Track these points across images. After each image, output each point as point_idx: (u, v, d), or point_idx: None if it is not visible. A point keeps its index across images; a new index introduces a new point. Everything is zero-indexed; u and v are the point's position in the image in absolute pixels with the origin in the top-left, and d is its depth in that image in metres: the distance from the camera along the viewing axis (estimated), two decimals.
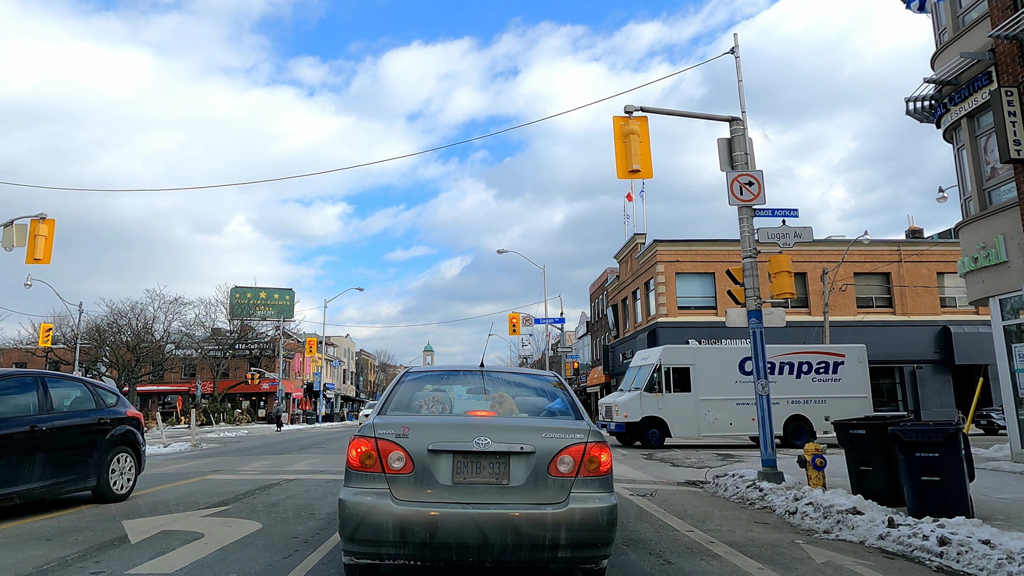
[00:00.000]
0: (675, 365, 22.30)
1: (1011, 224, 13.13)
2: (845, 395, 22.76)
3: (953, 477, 7.28)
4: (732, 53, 11.94)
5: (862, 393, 23.22)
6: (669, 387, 22.19)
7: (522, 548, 4.23)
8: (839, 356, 23.42)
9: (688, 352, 23.56)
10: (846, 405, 22.19)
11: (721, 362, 22.73)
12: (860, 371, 23.55)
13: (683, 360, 22.60)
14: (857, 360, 23.61)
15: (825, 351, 23.77)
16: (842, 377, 23.05)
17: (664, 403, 21.84)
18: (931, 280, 36.10)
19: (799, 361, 22.94)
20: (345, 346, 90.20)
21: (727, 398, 22.11)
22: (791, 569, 5.69)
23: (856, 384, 23.22)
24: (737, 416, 22.00)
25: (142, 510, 8.47)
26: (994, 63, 13.21)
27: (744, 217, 11.14)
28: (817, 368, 22.99)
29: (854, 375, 23.32)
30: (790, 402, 22.33)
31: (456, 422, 4.84)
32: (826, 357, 23.33)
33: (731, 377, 22.29)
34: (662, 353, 22.87)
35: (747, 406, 21.29)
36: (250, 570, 5.41)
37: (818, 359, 23.15)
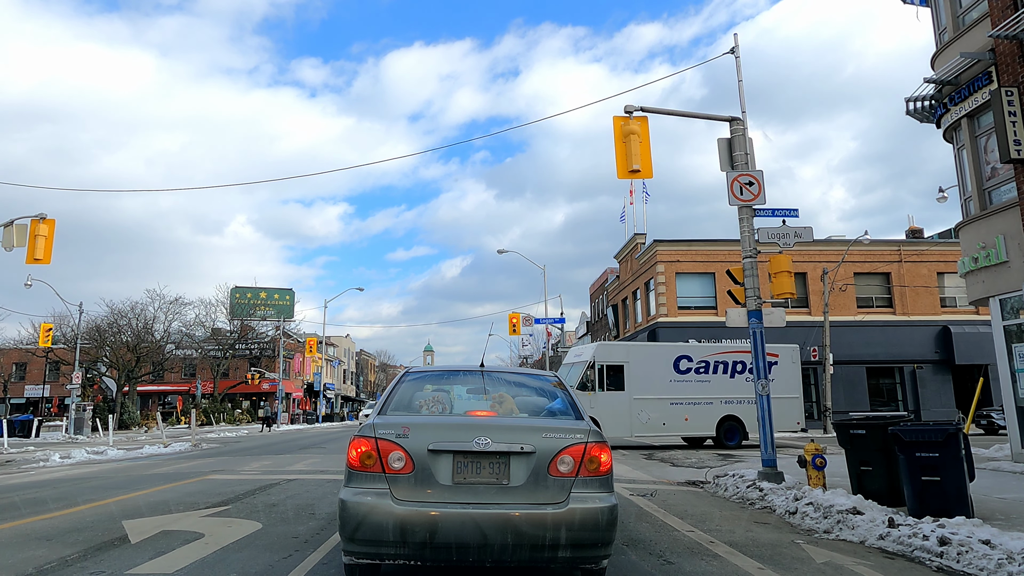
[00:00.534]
0: (609, 363, 21.59)
1: (1011, 224, 13.13)
2: (778, 395, 22.59)
3: (953, 477, 7.28)
4: (732, 53, 11.94)
5: (794, 393, 23.12)
6: (602, 385, 21.40)
7: (522, 548, 4.23)
8: (773, 356, 22.68)
9: (622, 349, 23.20)
10: (779, 406, 22.19)
11: (656, 361, 22.17)
12: (793, 371, 23.36)
13: (617, 357, 21.95)
14: (790, 360, 23.38)
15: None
16: (776, 377, 22.60)
17: (597, 402, 20.69)
18: (931, 280, 36.10)
19: (733, 360, 22.54)
20: (345, 346, 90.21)
21: (661, 397, 21.51)
22: (791, 569, 5.69)
23: (789, 384, 22.98)
24: (670, 416, 21.52)
25: (142, 510, 8.47)
26: (994, 63, 13.20)
27: (744, 217, 11.14)
28: (751, 368, 22.66)
29: (787, 375, 23.02)
30: (723, 402, 22.04)
31: (456, 422, 4.84)
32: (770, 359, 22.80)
33: (666, 376, 21.81)
34: (596, 350, 22.29)
35: (680, 406, 21.53)
36: (250, 570, 5.41)
37: (749, 359, 22.86)
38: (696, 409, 21.82)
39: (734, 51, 11.92)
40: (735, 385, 22.33)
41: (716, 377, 22.26)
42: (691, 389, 21.99)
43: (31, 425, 34.67)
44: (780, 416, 22.40)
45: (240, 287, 66.70)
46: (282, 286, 72.80)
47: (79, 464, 17.03)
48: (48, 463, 17.04)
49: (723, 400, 22.06)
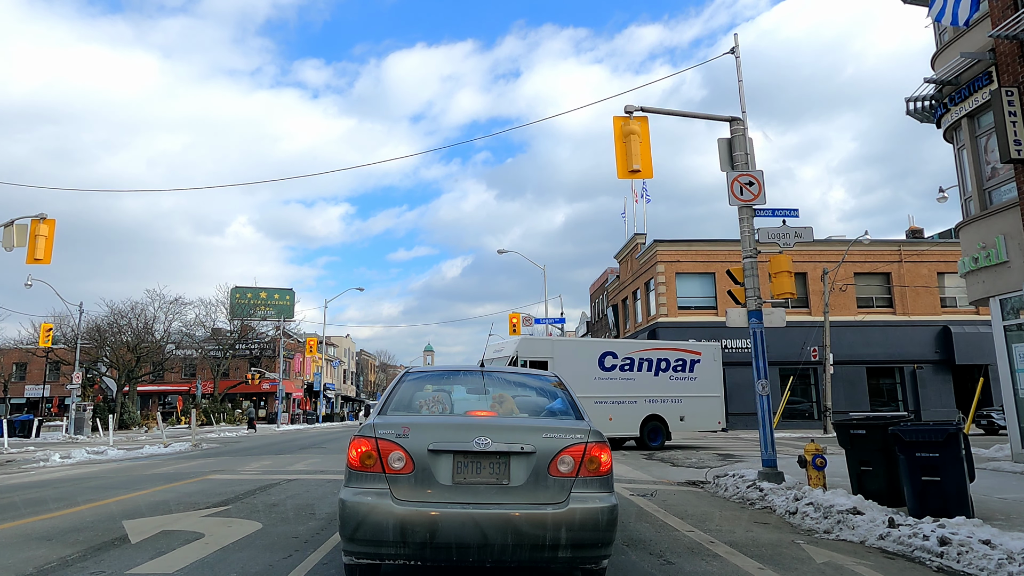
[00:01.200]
0: (533, 358, 20.21)
1: (1011, 224, 13.13)
2: (700, 394, 22.05)
3: (953, 477, 7.27)
4: (732, 53, 11.94)
5: (715, 392, 22.58)
6: None
7: (522, 548, 4.23)
8: (696, 354, 22.55)
9: (546, 344, 22.23)
10: (701, 405, 21.72)
11: (581, 357, 21.14)
12: (715, 370, 22.80)
13: (541, 353, 20.82)
14: (712, 359, 22.82)
15: (683, 348, 22.86)
16: (698, 376, 22.19)
17: None
18: (931, 280, 36.10)
19: (657, 358, 21.84)
20: (345, 346, 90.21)
21: (585, 396, 21.53)
22: (791, 569, 5.69)
23: (711, 383, 22.53)
24: (595, 415, 21.38)
25: (143, 510, 8.47)
26: (994, 63, 13.20)
27: (744, 217, 11.14)
28: (675, 366, 21.97)
29: (709, 374, 22.56)
30: (647, 401, 21.24)
31: (456, 422, 4.84)
32: (683, 355, 22.40)
33: (590, 374, 20.73)
34: (519, 345, 21.28)
35: (604, 405, 20.29)
36: (250, 570, 5.41)
37: (676, 356, 22.18)
38: (621, 408, 20.81)
39: (734, 51, 11.92)
40: (659, 384, 21.58)
41: (641, 375, 21.38)
42: (616, 387, 21.03)
43: (31, 425, 34.67)
44: (702, 415, 22.04)
45: (240, 287, 66.69)
46: (282, 286, 72.80)
47: (79, 464, 17.03)
48: (48, 463, 17.04)
49: (647, 399, 21.24)
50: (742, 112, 11.43)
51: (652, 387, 21.47)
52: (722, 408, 22.67)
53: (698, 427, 22.26)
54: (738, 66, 11.85)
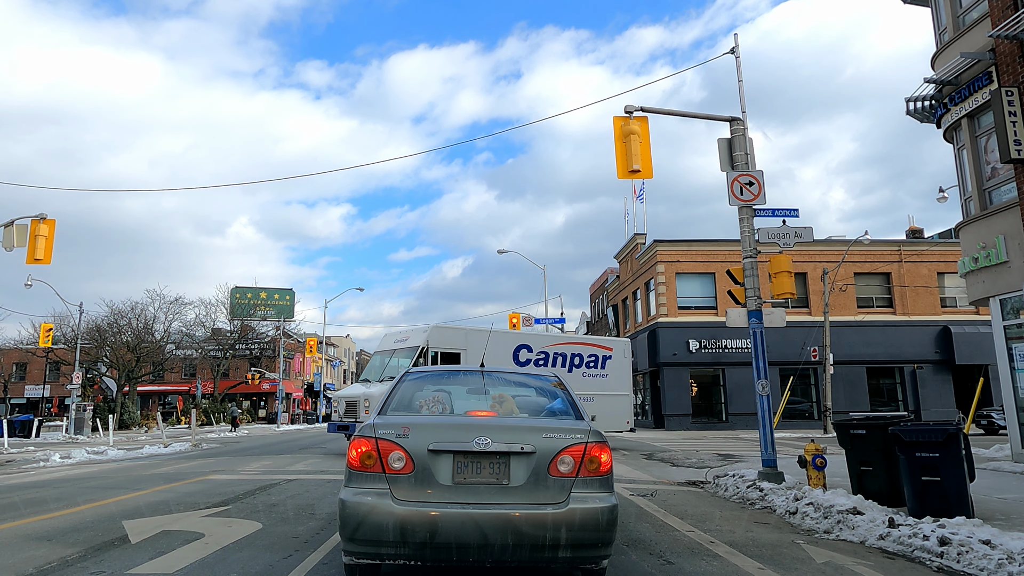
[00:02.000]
0: (444, 349, 18.41)
1: (1011, 224, 13.13)
2: (612, 392, 21.24)
3: (953, 477, 7.27)
4: (732, 53, 11.94)
5: (625, 391, 21.85)
6: None
7: (522, 548, 4.23)
8: (607, 350, 21.65)
9: (459, 335, 19.86)
10: (612, 404, 20.84)
11: (496, 350, 19.07)
12: (625, 367, 22.02)
13: (454, 343, 18.90)
14: (623, 355, 21.97)
15: (595, 343, 22.00)
16: (609, 373, 21.34)
17: None
18: (931, 280, 36.10)
19: (571, 353, 20.81)
20: (345, 346, 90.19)
21: None
22: (792, 569, 5.69)
23: (621, 381, 21.74)
24: None
25: (143, 510, 8.47)
26: (994, 63, 13.20)
27: (744, 217, 11.14)
28: (588, 362, 21.04)
29: (620, 371, 21.75)
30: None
31: (456, 422, 4.84)
32: (596, 350, 21.44)
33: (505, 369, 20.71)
34: (430, 334, 18.87)
35: None
36: (250, 570, 5.41)
37: (589, 352, 21.25)
38: None
39: (734, 51, 11.92)
40: (574, 381, 19.80)
41: (555, 371, 21.14)
42: None
43: (31, 425, 34.67)
44: (613, 415, 20.72)
45: (240, 287, 66.67)
46: (283, 286, 72.82)
47: (79, 464, 17.03)
48: (48, 463, 17.04)
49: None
50: (742, 112, 11.44)
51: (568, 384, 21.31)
52: (631, 407, 21.69)
53: (608, 427, 20.65)
54: (738, 66, 11.85)
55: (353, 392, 18.71)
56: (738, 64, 11.86)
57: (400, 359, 18.70)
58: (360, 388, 18.83)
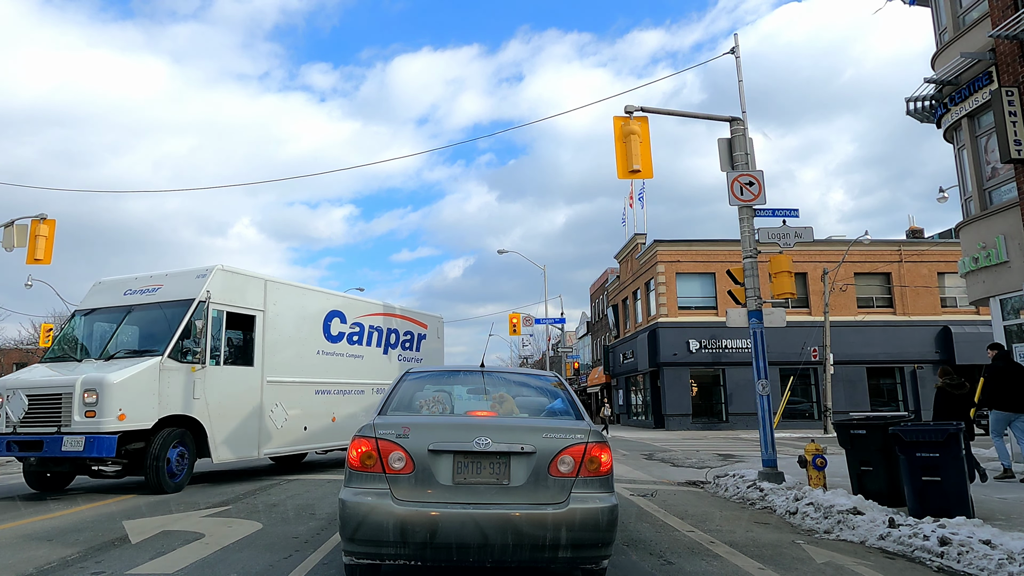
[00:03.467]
0: (233, 307, 11.75)
1: (1011, 224, 13.13)
2: None
3: (954, 477, 7.27)
4: (732, 53, 11.94)
5: None
6: (219, 353, 11.43)
7: (522, 548, 4.23)
8: (422, 327, 17.57)
9: (256, 288, 12.44)
10: None
11: (303, 316, 13.54)
12: (438, 350, 18.01)
13: (249, 300, 12.16)
14: (436, 336, 18.20)
15: (410, 318, 17.24)
16: (424, 357, 17.43)
17: (209, 387, 11.02)
18: (931, 280, 36.10)
19: (388, 328, 16.24)
20: None
21: (306, 381, 13.35)
22: (792, 569, 5.69)
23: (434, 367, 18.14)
24: (315, 413, 13.49)
25: (143, 510, 8.47)
26: (994, 63, 13.20)
27: (744, 217, 11.14)
28: (404, 341, 16.88)
29: (433, 356, 17.81)
30: (376, 391, 14.84)
31: (456, 422, 4.84)
32: (411, 327, 17.13)
33: (313, 343, 13.72)
34: (211, 281, 11.34)
35: (328, 395, 13.88)
36: (251, 570, 5.41)
37: (405, 328, 16.90)
38: (346, 403, 14.36)
39: (734, 51, 11.93)
40: (389, 365, 15.86)
41: (371, 352, 15.40)
42: (342, 368, 14.45)
43: None
44: None
45: None
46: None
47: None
48: None
49: (375, 388, 14.94)
50: (742, 112, 11.44)
51: (381, 369, 15.46)
52: None
53: None
54: (738, 66, 11.86)
55: (47, 381, 10.17)
56: (738, 64, 11.86)
57: (145, 321, 11.22)
58: (64, 373, 10.39)
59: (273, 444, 12.42)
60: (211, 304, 11.23)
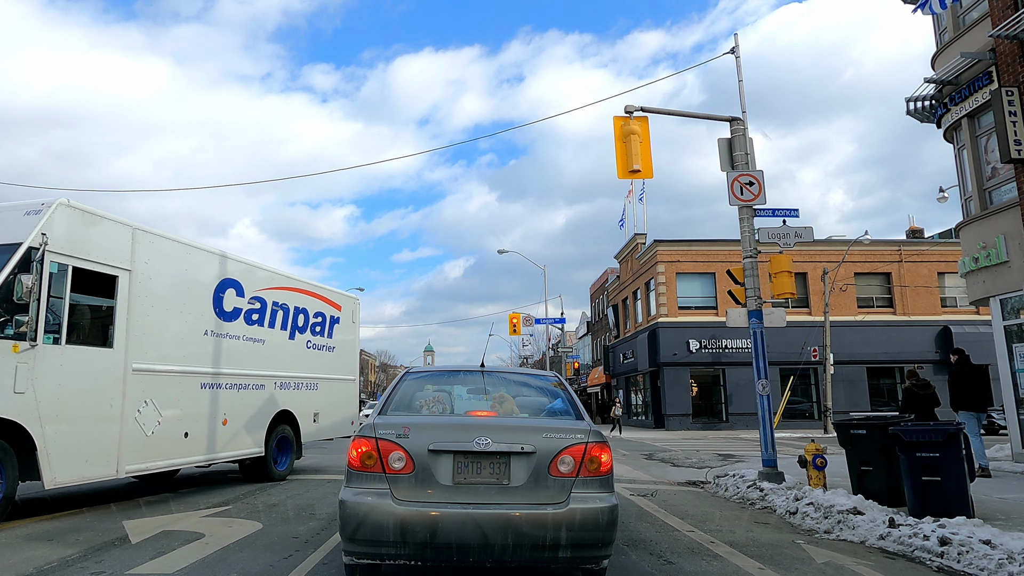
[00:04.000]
0: (89, 263, 8.42)
1: (1012, 224, 13.13)
2: (338, 376, 14.50)
3: (954, 477, 7.27)
4: (732, 53, 11.94)
5: (352, 374, 15.06)
6: (59, 327, 7.91)
7: (523, 548, 4.23)
8: (335, 308, 14.43)
9: (121, 237, 9.05)
10: (338, 394, 14.36)
11: (183, 281, 10.05)
12: (351, 340, 15.20)
13: (109, 253, 8.77)
14: (351, 320, 15.20)
15: (321, 295, 14.03)
16: (337, 344, 14.47)
17: (42, 376, 7.61)
18: (932, 280, 36.10)
19: (296, 306, 12.84)
20: None
21: (188, 370, 9.95)
22: (792, 569, 5.69)
23: (348, 358, 15.00)
24: (200, 414, 10.14)
25: (143, 510, 8.47)
26: (995, 63, 13.20)
27: (744, 217, 11.14)
28: (314, 324, 13.58)
29: (347, 343, 14.98)
30: (279, 385, 12.08)
31: (456, 422, 4.84)
32: (323, 307, 13.98)
33: (198, 321, 10.22)
34: (52, 218, 7.90)
35: (218, 390, 10.45)
36: (251, 570, 5.41)
37: (315, 308, 13.65)
38: (241, 400, 11.01)
39: (734, 51, 11.93)
40: (295, 353, 12.80)
41: (273, 334, 12.03)
42: (238, 355, 11.01)
43: None
44: (338, 412, 14.36)
45: None
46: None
47: None
48: None
49: (279, 382, 12.07)
50: (742, 112, 11.44)
51: (287, 359, 12.43)
52: (354, 402, 15.06)
53: (329, 431, 14.08)
54: (738, 66, 11.86)
55: None
56: (738, 64, 11.86)
57: None
58: None
59: (140, 457, 8.93)
60: (48, 254, 7.75)
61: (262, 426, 11.56)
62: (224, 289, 10.91)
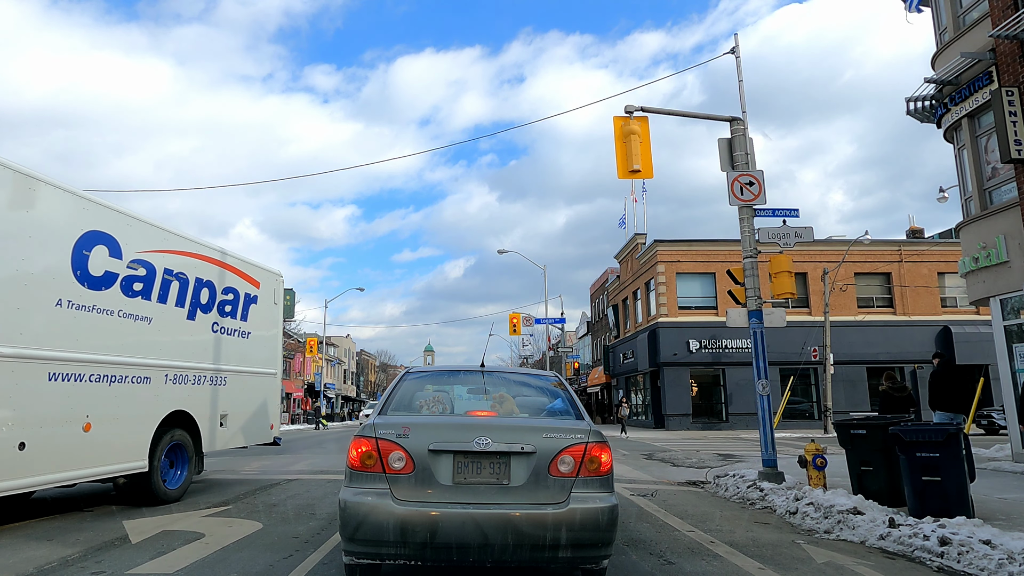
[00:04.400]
0: None
1: (1012, 224, 13.13)
2: (254, 368, 11.59)
3: (954, 477, 7.27)
4: (732, 53, 11.94)
5: (272, 367, 12.25)
6: None
7: (523, 548, 4.23)
8: (252, 284, 11.61)
9: None
10: (254, 390, 11.53)
11: (26, 227, 7.07)
12: (273, 323, 12.38)
13: None
14: (272, 300, 12.38)
15: (235, 267, 11.17)
16: (252, 328, 11.55)
17: None
18: (932, 280, 36.09)
19: (198, 278, 10.06)
20: (346, 346, 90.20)
21: (27, 354, 6.96)
22: (792, 569, 5.69)
23: (267, 349, 12.17)
24: (45, 416, 7.13)
25: (143, 510, 8.47)
26: (995, 63, 13.20)
27: (745, 217, 11.14)
28: (223, 302, 10.74)
29: (266, 330, 12.14)
30: (171, 379, 9.29)
31: (457, 422, 4.84)
32: (237, 280, 11.14)
33: (49, 287, 7.33)
34: None
35: (77, 384, 7.64)
36: (251, 570, 5.41)
37: (226, 281, 10.86)
38: (113, 397, 8.21)
39: (734, 51, 11.93)
40: (196, 335, 10.03)
41: (165, 311, 9.33)
42: (110, 334, 8.25)
43: None
44: (254, 412, 11.56)
45: None
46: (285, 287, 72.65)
47: None
48: None
49: (172, 374, 9.34)
50: (742, 112, 11.43)
51: (183, 343, 9.74)
52: (279, 398, 12.60)
53: (242, 438, 11.24)
54: (738, 65, 11.86)
55: None
56: (738, 64, 11.86)
57: None
58: None
59: None
60: None
61: (146, 431, 8.67)
62: (91, 245, 7.93)
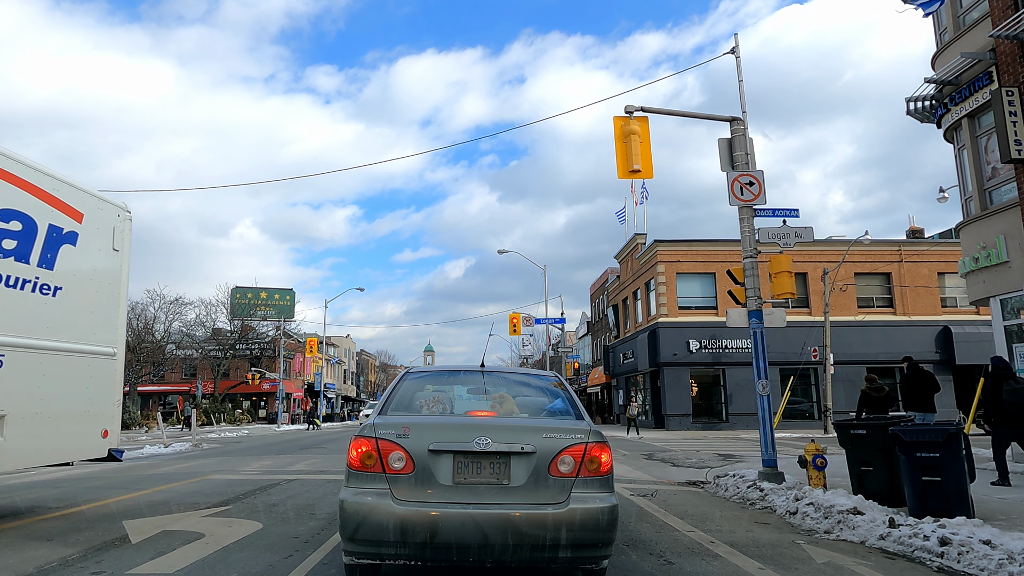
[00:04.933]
0: None
1: (1012, 224, 13.13)
2: (63, 344, 7.98)
3: (954, 477, 7.27)
4: (732, 53, 11.94)
5: (106, 344, 8.96)
6: None
7: (523, 548, 4.23)
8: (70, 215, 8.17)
9: None
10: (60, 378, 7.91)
11: None
12: (108, 274, 8.90)
13: None
14: (108, 241, 8.95)
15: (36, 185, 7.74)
16: (67, 284, 8.07)
17: None
18: (932, 280, 36.08)
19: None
20: (346, 346, 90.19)
21: None
22: (792, 569, 5.69)
23: (96, 313, 8.66)
24: None
25: (143, 510, 8.47)
26: (995, 63, 13.20)
27: (745, 217, 11.14)
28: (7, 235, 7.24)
29: (94, 286, 8.63)
30: None
31: (457, 422, 4.84)
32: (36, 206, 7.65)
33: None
34: None
35: None
36: (251, 570, 5.41)
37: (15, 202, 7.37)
38: None
39: (734, 51, 11.92)
40: None
41: None
42: None
43: None
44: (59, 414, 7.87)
45: (240, 287, 66.49)
46: (284, 287, 72.58)
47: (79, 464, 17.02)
48: None
49: None
50: (742, 112, 11.43)
51: None
52: (119, 390, 9.77)
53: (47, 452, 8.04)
54: (738, 66, 11.85)
55: None
56: (738, 64, 11.86)
57: None
58: None
59: None
60: None
61: None
62: None
